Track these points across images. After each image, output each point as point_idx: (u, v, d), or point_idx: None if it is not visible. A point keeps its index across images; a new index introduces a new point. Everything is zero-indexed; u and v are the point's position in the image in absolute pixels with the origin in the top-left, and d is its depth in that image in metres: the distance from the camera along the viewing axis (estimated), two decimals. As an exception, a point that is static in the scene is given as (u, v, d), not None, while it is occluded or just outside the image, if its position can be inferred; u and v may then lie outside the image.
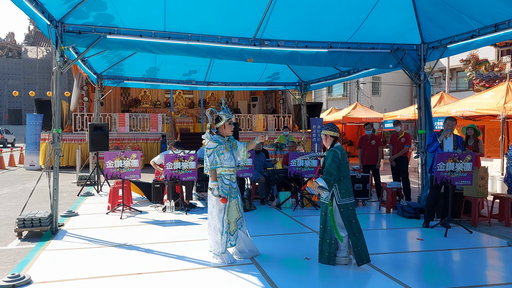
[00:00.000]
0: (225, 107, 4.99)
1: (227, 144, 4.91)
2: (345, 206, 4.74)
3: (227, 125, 4.92)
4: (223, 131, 4.96)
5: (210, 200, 5.03)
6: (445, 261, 5.18)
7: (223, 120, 4.91)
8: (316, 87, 12.98)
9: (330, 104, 32.35)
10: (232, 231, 5.00)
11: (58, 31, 6.23)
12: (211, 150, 4.85)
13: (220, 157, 4.87)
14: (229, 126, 4.93)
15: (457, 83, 30.62)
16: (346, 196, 4.75)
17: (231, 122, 4.95)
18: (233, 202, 5.01)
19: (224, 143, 4.90)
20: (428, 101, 7.99)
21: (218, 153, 4.86)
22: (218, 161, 4.86)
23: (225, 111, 4.95)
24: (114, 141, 16.77)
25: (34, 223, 6.08)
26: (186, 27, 6.95)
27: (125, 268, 4.73)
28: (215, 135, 4.96)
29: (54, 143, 6.31)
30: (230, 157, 4.92)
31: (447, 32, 7.19)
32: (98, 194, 9.96)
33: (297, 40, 7.54)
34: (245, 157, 5.11)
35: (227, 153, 4.90)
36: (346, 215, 4.75)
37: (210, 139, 4.89)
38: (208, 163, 4.89)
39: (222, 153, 4.87)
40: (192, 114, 23.42)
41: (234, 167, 4.97)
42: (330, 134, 4.88)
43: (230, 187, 4.96)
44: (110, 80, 11.79)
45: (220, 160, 4.87)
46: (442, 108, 12.95)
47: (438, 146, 6.73)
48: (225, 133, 4.96)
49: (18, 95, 24.62)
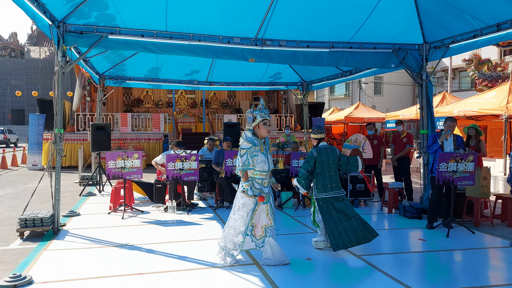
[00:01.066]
0: (262, 107, 4.81)
1: (262, 146, 4.74)
2: (323, 200, 5.26)
3: (261, 125, 4.73)
4: (257, 132, 4.78)
5: (237, 201, 4.87)
6: (447, 262, 5.17)
7: (257, 120, 4.74)
8: (318, 87, 12.95)
9: (332, 104, 32.32)
10: (259, 236, 4.84)
11: (60, 31, 6.24)
12: (245, 150, 4.71)
13: (254, 159, 4.70)
14: (264, 127, 4.74)
15: (460, 83, 30.54)
16: (322, 191, 5.26)
17: (266, 123, 4.76)
18: (263, 207, 4.82)
19: (260, 144, 4.73)
20: (430, 101, 7.97)
21: (252, 155, 4.70)
22: (250, 163, 4.69)
23: (261, 111, 4.78)
24: (116, 141, 16.79)
25: (36, 223, 6.09)
26: (188, 27, 6.94)
27: (127, 268, 4.73)
28: (251, 135, 4.79)
29: (56, 143, 6.31)
30: (264, 160, 4.73)
31: (449, 31, 7.17)
32: (100, 194, 9.98)
33: (298, 40, 7.53)
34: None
35: (261, 156, 4.72)
36: (324, 207, 5.27)
37: (245, 139, 4.75)
38: (240, 163, 4.71)
39: (256, 155, 4.70)
40: (194, 114, 23.44)
41: (267, 171, 4.78)
42: (313, 137, 5.51)
43: (261, 191, 4.74)
44: (112, 80, 11.79)
45: (253, 162, 4.70)
46: (444, 108, 12.91)
47: (439, 147, 6.71)
48: (260, 134, 4.76)
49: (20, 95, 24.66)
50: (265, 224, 4.84)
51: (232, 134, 10.91)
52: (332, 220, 5.22)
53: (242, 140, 4.78)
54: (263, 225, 4.83)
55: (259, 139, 4.78)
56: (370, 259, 5.07)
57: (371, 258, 5.09)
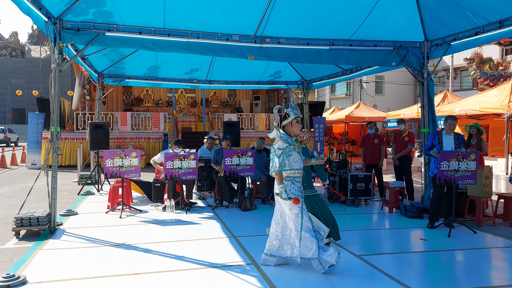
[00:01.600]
0: (294, 104, 4.73)
1: (295, 145, 4.61)
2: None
3: (294, 123, 4.60)
4: (290, 130, 4.62)
5: (280, 206, 4.63)
6: (448, 262, 5.09)
7: (290, 118, 4.59)
8: (319, 86, 12.87)
9: (333, 103, 32.22)
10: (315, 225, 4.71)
11: (57, 28, 6.16)
12: (281, 151, 4.51)
13: (289, 159, 4.55)
14: (297, 125, 4.61)
15: (461, 82, 30.43)
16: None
17: (299, 121, 4.64)
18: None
19: (293, 143, 4.61)
20: (431, 99, 7.88)
21: (287, 155, 4.54)
22: (286, 163, 4.54)
23: (293, 108, 4.67)
24: (116, 140, 16.73)
25: (32, 222, 6.02)
26: (186, 24, 6.87)
27: (122, 268, 4.65)
28: (285, 134, 4.64)
29: (52, 141, 6.24)
30: (299, 159, 4.62)
31: (451, 29, 7.09)
32: (99, 193, 9.91)
33: (298, 37, 7.45)
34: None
35: (296, 154, 4.59)
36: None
37: (280, 138, 4.57)
38: (277, 164, 4.50)
39: (290, 154, 4.56)
40: (194, 113, 23.38)
41: (301, 169, 4.67)
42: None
43: (301, 189, 4.66)
44: (111, 78, 11.73)
45: (289, 162, 4.55)
46: (446, 107, 12.82)
47: (430, 146, 6.66)
48: (292, 131, 4.61)
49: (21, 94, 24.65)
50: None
51: (232, 133, 10.83)
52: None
53: (277, 139, 4.60)
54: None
55: (292, 138, 4.63)
56: (370, 259, 5.00)
57: (371, 258, 5.01)
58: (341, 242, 5.66)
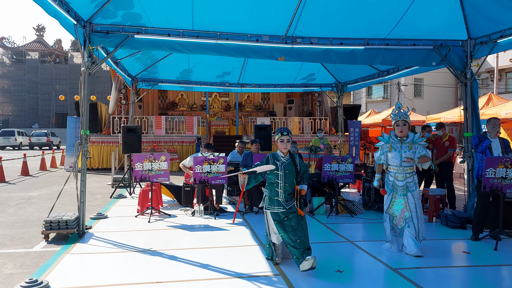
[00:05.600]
0: (397, 109, 5.42)
1: (392, 145, 5.41)
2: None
3: (395, 126, 5.41)
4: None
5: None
6: (494, 278, 4.63)
7: (392, 122, 5.48)
8: (353, 88, 12.44)
9: (369, 107, 31.44)
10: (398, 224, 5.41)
11: (86, 31, 6.17)
12: (379, 147, 5.60)
13: (386, 155, 5.49)
14: (397, 128, 5.37)
15: (506, 84, 28.92)
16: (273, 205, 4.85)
17: (399, 124, 5.34)
18: (400, 199, 5.37)
19: (393, 143, 5.43)
20: (475, 101, 7.36)
21: (384, 151, 5.51)
22: (382, 158, 5.52)
23: (395, 114, 5.41)
24: (150, 144, 16.94)
25: (60, 226, 6.03)
26: (215, 25, 6.72)
27: (145, 275, 4.51)
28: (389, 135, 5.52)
29: (81, 144, 6.25)
30: (395, 156, 5.37)
31: (497, 25, 6.56)
32: (131, 196, 9.94)
33: (331, 37, 7.14)
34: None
35: (392, 152, 5.40)
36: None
37: (380, 138, 5.62)
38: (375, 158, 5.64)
39: (387, 151, 5.48)
40: (228, 117, 23.38)
41: (397, 165, 5.36)
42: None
43: (393, 183, 5.41)
44: (145, 82, 11.81)
45: (386, 157, 5.49)
46: (491, 110, 12.08)
47: (488, 145, 6.11)
48: (396, 134, 5.44)
49: (64, 99, 25.49)
50: (404, 215, 5.36)
51: (263, 136, 10.62)
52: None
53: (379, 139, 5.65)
54: (403, 215, 5.37)
55: (396, 138, 5.43)
56: (407, 273, 4.62)
57: (408, 272, 4.64)
58: (376, 254, 5.31)
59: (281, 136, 4.72)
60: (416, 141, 5.37)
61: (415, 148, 5.33)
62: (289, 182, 4.69)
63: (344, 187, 9.55)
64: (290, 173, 4.69)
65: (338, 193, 8.15)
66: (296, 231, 4.62)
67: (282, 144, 4.72)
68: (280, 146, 4.73)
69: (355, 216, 7.77)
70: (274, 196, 4.71)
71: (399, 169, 5.34)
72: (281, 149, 4.75)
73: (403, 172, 5.34)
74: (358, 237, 6.36)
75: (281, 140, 4.72)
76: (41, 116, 55.03)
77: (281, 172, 4.65)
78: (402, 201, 5.36)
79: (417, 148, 5.34)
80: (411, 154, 5.31)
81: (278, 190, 4.69)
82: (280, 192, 4.69)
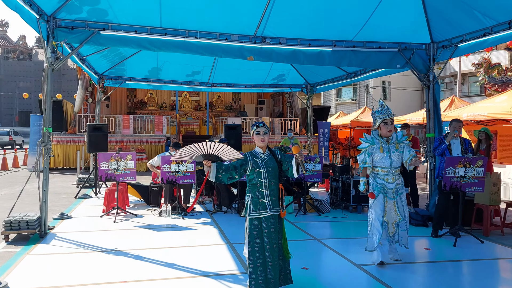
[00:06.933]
0: (381, 108, 5.02)
1: (381, 146, 4.97)
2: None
3: (382, 125, 4.97)
4: (380, 132, 5.03)
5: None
6: (454, 273, 4.80)
7: (378, 121, 5.01)
8: (323, 89, 12.62)
9: (339, 108, 31.93)
10: (391, 233, 5.03)
11: (50, 26, 5.99)
12: (363, 149, 5.08)
13: (372, 157, 5.03)
14: (385, 127, 4.94)
15: (469, 88, 30.03)
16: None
17: (387, 122, 4.93)
18: (390, 203, 5.00)
19: (379, 143, 4.99)
20: (437, 103, 7.61)
21: (370, 153, 5.04)
22: (367, 161, 5.03)
23: (380, 112, 5.00)
24: (118, 143, 16.61)
25: (21, 226, 5.83)
26: (184, 23, 6.67)
27: (109, 275, 4.43)
28: (372, 135, 5.08)
29: (44, 143, 6.06)
30: (384, 158, 4.97)
31: (458, 30, 6.82)
32: (96, 196, 9.72)
33: (299, 38, 7.22)
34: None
35: (381, 154, 4.98)
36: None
37: (363, 139, 5.10)
38: (358, 160, 5.12)
39: (374, 153, 5.02)
40: (198, 117, 23.22)
41: (388, 167, 4.97)
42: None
43: (383, 186, 4.98)
44: (112, 80, 11.58)
45: (372, 159, 5.03)
46: (453, 112, 12.49)
47: (446, 147, 6.34)
48: (381, 133, 5.01)
49: (28, 97, 24.63)
50: (394, 221, 5.00)
51: (233, 136, 10.60)
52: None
53: (361, 141, 5.14)
54: (392, 221, 5.00)
55: (381, 138, 5.01)
56: (370, 269, 4.73)
57: (371, 268, 4.75)
58: (342, 251, 5.41)
59: (257, 128, 4.12)
60: (401, 140, 5.04)
61: (402, 148, 5.00)
62: (274, 181, 4.03)
63: (312, 186, 9.67)
64: (273, 170, 4.03)
65: (306, 192, 8.25)
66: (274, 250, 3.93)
67: (258, 136, 4.07)
68: (257, 139, 4.10)
69: (322, 214, 7.89)
70: (259, 199, 3.98)
71: (390, 170, 4.97)
72: (258, 143, 4.11)
73: (393, 174, 4.99)
74: (324, 235, 6.46)
75: (257, 132, 4.10)
76: (3, 115, 52.97)
77: (263, 170, 3.98)
78: (392, 205, 4.99)
79: (404, 147, 5.02)
80: (400, 154, 4.97)
81: (263, 190, 3.98)
82: (266, 193, 3.98)
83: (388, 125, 4.90)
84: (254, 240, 3.91)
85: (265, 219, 3.93)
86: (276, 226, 3.98)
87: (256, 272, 3.84)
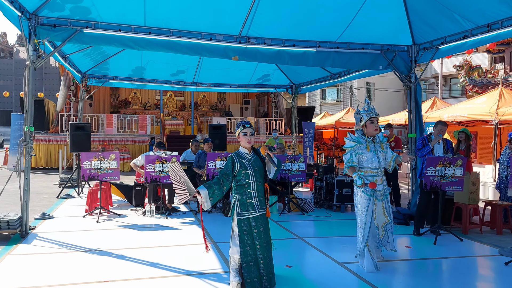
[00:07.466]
0: (367, 106, 4.89)
1: (368, 145, 4.77)
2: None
3: (368, 124, 4.80)
4: (365, 131, 4.85)
5: (355, 199, 4.89)
6: (434, 270, 4.91)
7: (364, 119, 4.83)
8: (307, 90, 12.72)
9: (323, 109, 32.16)
10: (381, 236, 4.91)
11: (32, 24, 5.91)
12: (349, 149, 4.84)
13: (359, 157, 4.79)
14: (371, 125, 4.78)
15: (450, 89, 30.56)
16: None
17: (374, 121, 4.78)
18: (379, 205, 4.85)
19: (366, 143, 4.78)
20: (418, 104, 7.75)
21: (357, 153, 4.80)
22: (354, 160, 4.78)
23: (367, 110, 4.85)
24: (101, 143, 16.43)
25: (2, 226, 5.74)
26: (168, 22, 6.66)
27: (92, 275, 4.40)
28: (357, 135, 4.88)
29: (25, 142, 5.98)
30: (371, 158, 4.77)
31: (439, 32, 6.97)
32: (79, 196, 9.61)
33: (284, 38, 7.27)
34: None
35: (368, 153, 4.76)
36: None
37: (349, 138, 4.87)
38: (345, 160, 4.85)
39: (361, 153, 4.78)
40: (183, 117, 23.09)
41: (376, 168, 4.79)
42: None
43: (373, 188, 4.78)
44: (95, 79, 11.46)
45: (358, 159, 4.79)
46: (434, 113, 12.74)
47: (430, 151, 6.46)
48: (367, 132, 4.84)
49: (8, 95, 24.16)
50: (383, 223, 4.89)
51: (217, 136, 10.63)
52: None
53: (346, 140, 4.90)
54: (381, 224, 4.88)
55: (367, 138, 4.83)
56: (352, 266, 4.80)
57: (352, 266, 4.82)
58: (325, 249, 5.47)
59: (244, 128, 4.04)
60: (383, 141, 4.94)
61: (386, 148, 4.89)
62: (261, 181, 4.04)
63: (296, 186, 9.74)
64: (259, 170, 4.03)
65: (290, 191, 8.31)
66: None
67: (245, 137, 4.01)
68: (243, 140, 4.03)
69: (306, 214, 7.95)
70: (247, 199, 3.96)
71: (378, 171, 4.80)
72: (244, 144, 4.05)
73: (381, 174, 4.83)
74: (308, 234, 6.52)
75: (243, 133, 4.02)
76: (-17, 113, 51.83)
77: (250, 171, 3.96)
78: (381, 207, 4.84)
79: (387, 148, 4.90)
80: (385, 154, 4.86)
81: (251, 191, 3.96)
82: (254, 194, 3.97)
83: (375, 123, 4.78)
84: (245, 240, 3.93)
85: (254, 219, 3.96)
86: (265, 225, 4.03)
87: (250, 271, 3.91)
